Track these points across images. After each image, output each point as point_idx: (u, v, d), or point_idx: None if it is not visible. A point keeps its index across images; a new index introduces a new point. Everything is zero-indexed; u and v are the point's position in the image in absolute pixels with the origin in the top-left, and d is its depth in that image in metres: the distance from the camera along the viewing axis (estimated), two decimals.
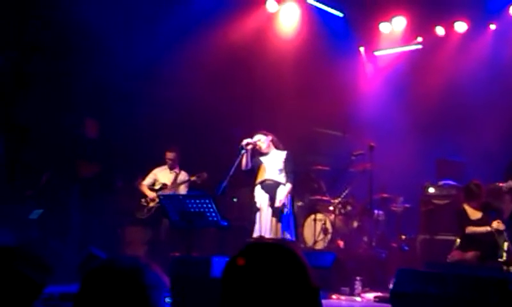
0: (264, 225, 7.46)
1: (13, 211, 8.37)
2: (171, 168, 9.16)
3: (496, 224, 7.59)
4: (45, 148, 9.32)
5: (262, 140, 7.71)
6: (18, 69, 9.28)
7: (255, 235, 7.49)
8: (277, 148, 7.82)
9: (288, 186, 7.60)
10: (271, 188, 7.60)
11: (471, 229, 7.80)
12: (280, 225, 7.46)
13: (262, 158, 7.75)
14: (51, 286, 6.23)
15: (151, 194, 8.88)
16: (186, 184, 8.99)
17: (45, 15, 9.32)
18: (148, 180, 9.10)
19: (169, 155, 9.16)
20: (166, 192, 8.79)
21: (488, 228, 7.63)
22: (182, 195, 6.77)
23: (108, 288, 1.74)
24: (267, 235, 7.35)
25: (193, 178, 8.89)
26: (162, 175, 9.11)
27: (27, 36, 9.26)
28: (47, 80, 9.43)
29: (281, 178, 7.64)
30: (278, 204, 7.46)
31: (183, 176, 9.03)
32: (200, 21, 10.08)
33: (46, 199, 8.94)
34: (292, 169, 7.70)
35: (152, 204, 8.83)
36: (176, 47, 9.90)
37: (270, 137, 7.78)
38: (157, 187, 8.97)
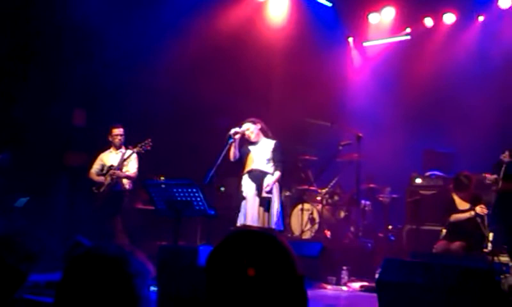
0: (250, 214, 7.44)
1: None
2: (118, 147, 8.74)
3: (479, 209, 7.64)
4: (33, 138, 9.27)
5: (251, 129, 7.64)
6: (10, 60, 9.21)
7: (239, 223, 7.47)
8: (266, 136, 7.76)
9: (277, 174, 7.54)
10: (258, 177, 7.56)
11: (455, 216, 7.84)
12: (267, 214, 7.44)
13: (250, 147, 7.69)
14: (37, 275, 6.21)
15: (100, 179, 8.67)
16: (134, 160, 8.64)
17: (38, 6, 9.25)
18: (95, 167, 8.74)
19: (117, 131, 8.71)
20: (114, 171, 8.51)
21: (472, 213, 7.68)
22: (169, 183, 6.69)
23: (91, 276, 1.72)
24: (255, 224, 7.33)
25: (137, 149, 8.50)
26: (109, 158, 8.75)
27: (20, 28, 9.18)
28: (37, 71, 9.37)
29: (269, 167, 7.60)
30: (266, 189, 7.43)
31: (128, 152, 8.65)
32: (189, 11, 10.04)
33: (15, 183, 8.76)
34: (280, 158, 7.65)
35: (102, 188, 8.62)
36: (165, 37, 9.87)
37: (259, 126, 7.71)
38: (105, 172, 8.72)
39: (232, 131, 7.42)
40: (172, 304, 5.80)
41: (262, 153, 7.63)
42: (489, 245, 7.45)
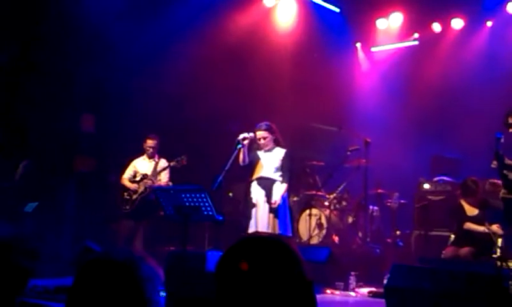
0: (261, 221, 7.44)
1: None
2: (150, 157, 8.89)
3: (496, 228, 7.61)
4: (42, 142, 9.31)
5: (267, 139, 7.57)
6: (18, 64, 9.27)
7: (251, 230, 7.46)
8: (277, 144, 7.68)
9: (284, 186, 7.52)
10: (266, 185, 7.54)
11: (469, 225, 7.81)
12: (277, 221, 7.44)
13: (260, 154, 7.65)
14: (46, 279, 6.24)
15: (133, 186, 8.75)
16: (167, 170, 8.75)
17: (46, 10, 9.30)
18: (128, 173, 8.86)
19: (150, 143, 8.84)
20: (148, 181, 8.68)
21: (486, 230, 7.64)
22: (177, 189, 6.73)
23: (103, 281, 1.74)
24: (265, 230, 7.32)
25: (172, 163, 8.64)
26: (141, 165, 8.88)
27: (28, 32, 9.24)
28: (45, 75, 9.41)
29: (277, 176, 7.57)
30: (274, 205, 7.41)
31: (162, 163, 8.79)
32: (198, 15, 10.07)
33: (25, 189, 8.82)
34: (288, 167, 7.60)
35: (134, 196, 8.69)
36: (174, 42, 9.90)
37: (274, 136, 7.65)
38: (138, 179, 8.82)
39: (241, 136, 7.39)
40: None
41: (271, 161, 7.61)
42: (498, 251, 7.43)
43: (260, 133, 7.55)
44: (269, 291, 1.63)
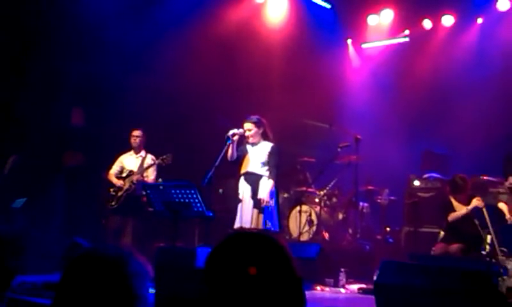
0: (245, 216, 7.42)
1: None
2: (136, 151, 8.94)
3: (475, 202, 7.63)
4: (32, 137, 9.27)
5: (252, 131, 7.59)
6: (13, 60, 9.21)
7: (236, 225, 7.46)
8: (266, 139, 7.69)
9: (271, 183, 7.49)
10: (253, 180, 7.53)
11: (453, 215, 7.83)
12: (261, 216, 7.41)
13: (248, 148, 7.66)
14: (34, 276, 6.20)
15: (118, 183, 8.76)
16: (154, 167, 8.80)
17: (39, 6, 9.25)
18: (115, 168, 8.91)
19: (136, 133, 8.91)
20: (134, 177, 8.67)
21: (469, 207, 7.66)
22: (167, 184, 6.71)
23: (91, 277, 1.73)
24: (248, 226, 7.31)
25: (158, 161, 8.69)
26: (128, 161, 8.92)
27: (22, 28, 9.18)
28: (37, 70, 9.36)
29: (264, 171, 7.56)
30: (262, 203, 7.40)
31: (149, 159, 8.85)
32: (189, 11, 10.06)
33: (13, 184, 8.78)
34: (275, 163, 7.57)
35: (120, 192, 8.70)
36: (164, 38, 9.88)
37: (261, 130, 7.64)
38: (124, 175, 8.84)
39: (230, 132, 7.40)
40: (170, 306, 5.80)
41: (258, 156, 7.60)
42: (487, 247, 7.45)
43: (246, 125, 7.57)
44: (259, 288, 1.62)
